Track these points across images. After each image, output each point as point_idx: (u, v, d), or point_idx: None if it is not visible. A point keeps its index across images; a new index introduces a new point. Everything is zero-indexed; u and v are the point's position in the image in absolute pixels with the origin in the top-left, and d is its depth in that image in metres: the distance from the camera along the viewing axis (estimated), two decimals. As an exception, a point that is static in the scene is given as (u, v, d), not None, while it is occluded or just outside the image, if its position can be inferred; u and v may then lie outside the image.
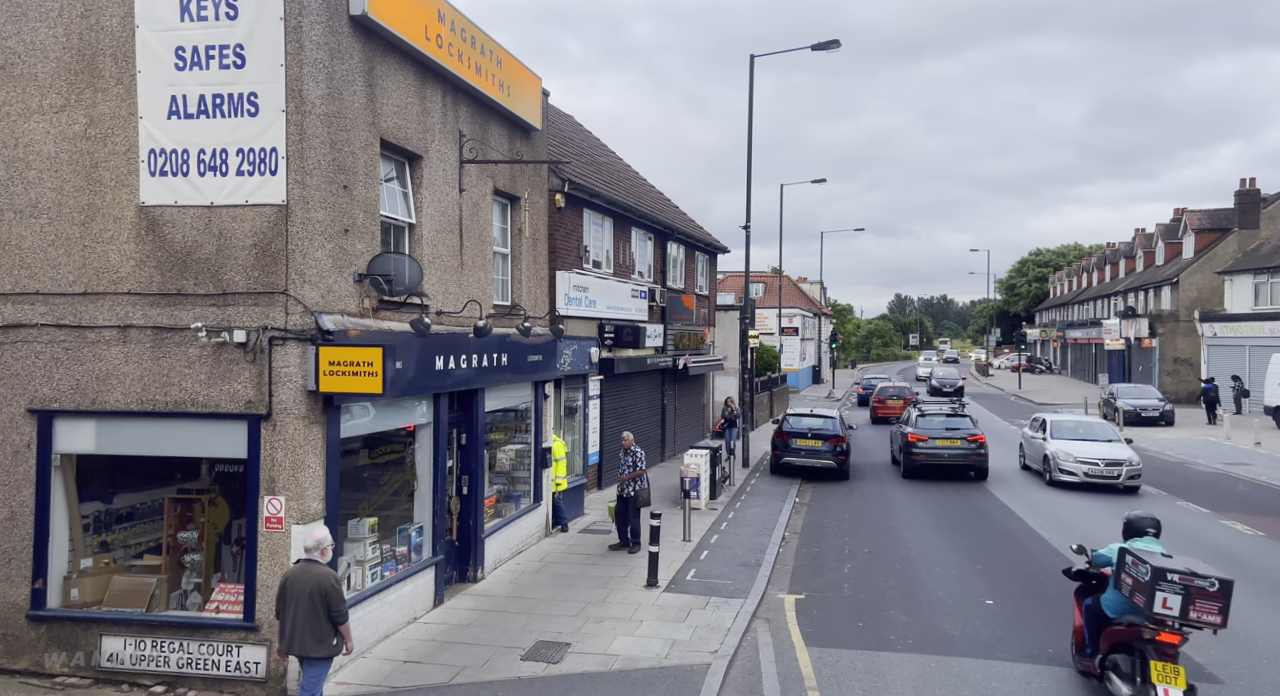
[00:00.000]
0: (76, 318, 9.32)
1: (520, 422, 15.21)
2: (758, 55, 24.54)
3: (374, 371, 8.84)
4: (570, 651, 10.20)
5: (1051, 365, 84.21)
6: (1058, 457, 21.96)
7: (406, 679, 9.36)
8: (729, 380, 31.55)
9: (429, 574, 11.52)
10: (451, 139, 12.02)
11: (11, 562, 9.45)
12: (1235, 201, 47.55)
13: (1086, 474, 21.34)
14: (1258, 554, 15.31)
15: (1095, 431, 23.17)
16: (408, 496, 11.61)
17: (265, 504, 8.95)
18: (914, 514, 18.79)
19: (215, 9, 8.93)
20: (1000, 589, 13.17)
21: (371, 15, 9.66)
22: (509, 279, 14.44)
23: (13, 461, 9.47)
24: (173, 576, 9.70)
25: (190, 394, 9.14)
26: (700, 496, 18.47)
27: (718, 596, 12.36)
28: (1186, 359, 47.60)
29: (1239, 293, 42.98)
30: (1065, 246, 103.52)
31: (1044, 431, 23.58)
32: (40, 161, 9.38)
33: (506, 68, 13.31)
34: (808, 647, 10.60)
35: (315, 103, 9.02)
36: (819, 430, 23.14)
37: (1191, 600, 7.76)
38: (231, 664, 9.01)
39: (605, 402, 19.76)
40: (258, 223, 8.96)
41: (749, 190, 25.14)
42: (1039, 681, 9.61)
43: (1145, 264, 58.94)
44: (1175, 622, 7.84)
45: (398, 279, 10.07)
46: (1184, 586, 7.78)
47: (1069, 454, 21.79)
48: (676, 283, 25.49)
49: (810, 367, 66.82)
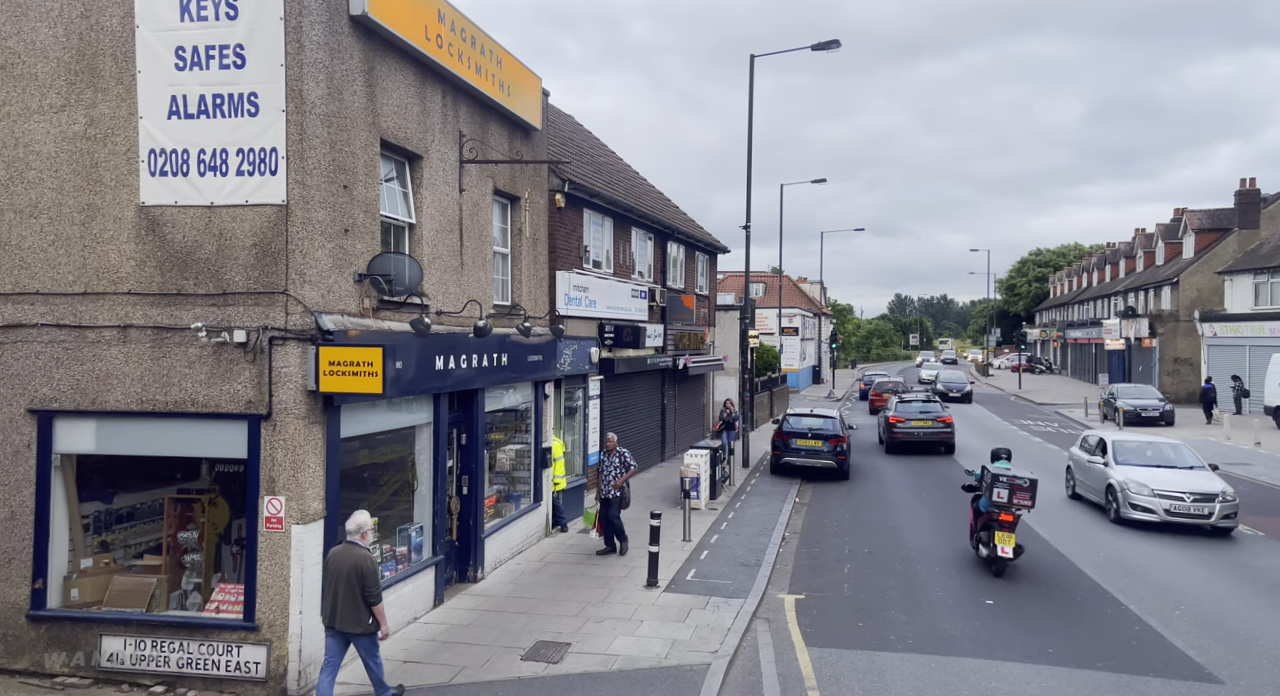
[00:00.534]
0: (76, 318, 9.33)
1: (520, 422, 15.21)
2: (758, 55, 24.55)
3: (374, 371, 8.84)
4: (570, 651, 10.20)
5: (1051, 365, 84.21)
6: (1127, 489, 17.35)
7: (406, 679, 9.35)
8: (729, 380, 31.54)
9: (429, 574, 11.52)
10: (451, 139, 12.01)
11: (11, 562, 9.45)
12: (1235, 201, 47.55)
13: (1169, 511, 16.68)
14: (1257, 554, 15.30)
15: (1169, 454, 18.62)
16: (408, 496, 11.61)
17: (265, 504, 8.95)
18: (916, 515, 18.78)
19: (215, 9, 8.93)
20: (1004, 589, 13.16)
21: (371, 15, 9.66)
22: (509, 279, 14.44)
23: (13, 461, 9.47)
24: (173, 576, 9.70)
25: (190, 394, 9.14)
26: (700, 496, 18.47)
27: (718, 596, 12.36)
28: (1186, 359, 47.60)
29: (1239, 293, 42.98)
30: (1065, 246, 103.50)
31: (1103, 454, 19.03)
32: (40, 161, 9.38)
33: (506, 68, 13.31)
34: (808, 647, 10.60)
35: (315, 103, 9.02)
36: (819, 430, 23.14)
37: (1014, 492, 13.27)
38: (231, 664, 9.00)
39: (605, 402, 19.75)
40: (258, 223, 8.96)
41: (749, 190, 25.14)
42: (1039, 681, 9.61)
43: (1145, 264, 58.95)
44: (1006, 507, 13.32)
45: (398, 279, 10.07)
46: (1009, 485, 13.33)
47: (1143, 484, 17.18)
48: (676, 282, 25.49)
49: (810, 367, 66.82)
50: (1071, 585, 13.34)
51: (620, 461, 14.81)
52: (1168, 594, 12.84)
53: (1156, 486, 16.97)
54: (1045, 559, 14.91)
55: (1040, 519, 17.62)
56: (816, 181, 44.68)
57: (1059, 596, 12.75)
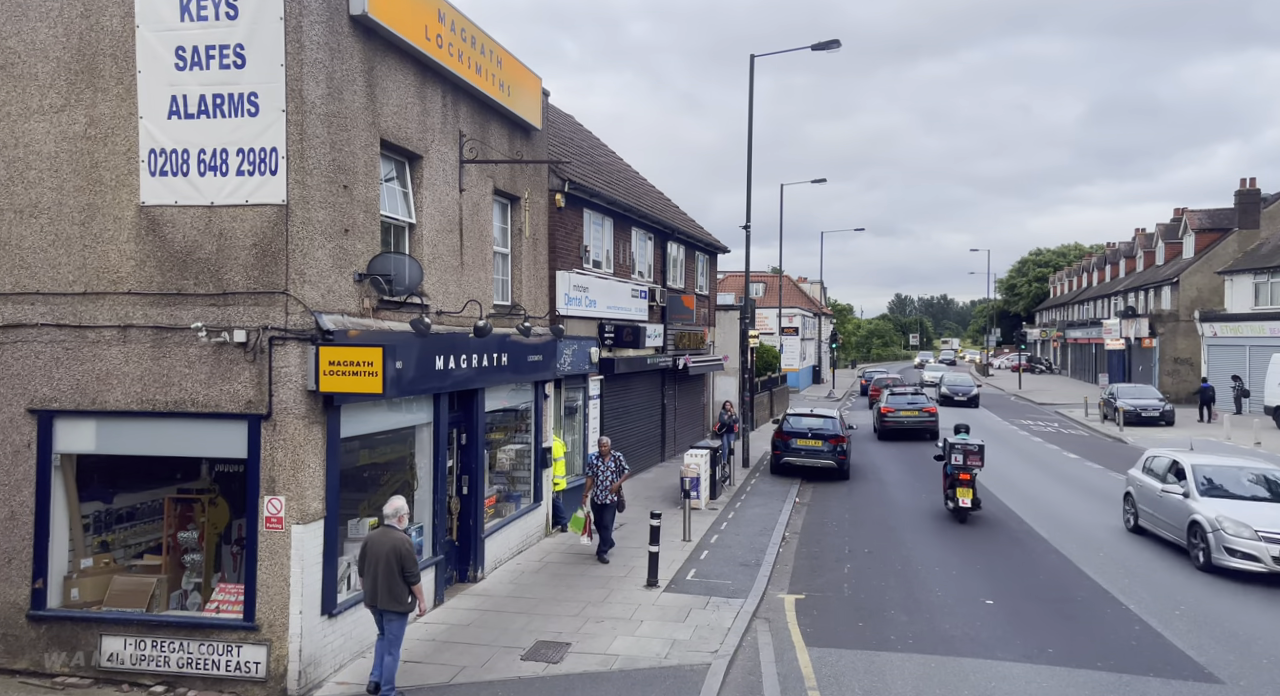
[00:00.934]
0: (76, 317, 9.32)
1: (520, 422, 15.21)
2: (758, 55, 24.56)
3: (374, 371, 8.84)
4: (570, 651, 10.20)
5: (1051, 365, 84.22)
6: (1222, 530, 13.81)
7: (406, 679, 9.35)
8: (729, 380, 31.55)
9: (429, 574, 11.52)
10: (452, 139, 12.02)
11: (11, 562, 9.45)
12: (1235, 201, 47.54)
13: None
14: (1258, 554, 15.23)
15: (1271, 481, 15.11)
16: (408, 496, 11.58)
17: (265, 504, 8.95)
18: (917, 515, 18.79)
19: (215, 9, 8.93)
20: (1005, 591, 13.17)
21: (371, 15, 9.66)
22: (509, 279, 14.44)
23: (13, 461, 9.47)
24: (173, 576, 9.71)
25: (190, 394, 9.14)
26: (700, 496, 18.47)
27: (718, 596, 12.36)
28: (1186, 359, 47.59)
29: (1239, 292, 42.98)
30: (1065, 246, 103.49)
31: (1180, 481, 15.48)
32: (40, 161, 9.38)
33: (506, 67, 13.31)
34: (808, 647, 10.60)
35: (315, 103, 9.02)
36: (819, 430, 23.14)
37: (967, 457, 17.40)
38: (231, 664, 9.01)
39: (605, 402, 19.75)
40: (258, 222, 8.96)
41: (749, 190, 25.15)
42: (1039, 681, 9.61)
43: (1145, 264, 58.94)
44: (963, 468, 17.41)
45: (398, 279, 10.07)
46: (963, 451, 17.46)
47: (1243, 524, 13.69)
48: (676, 282, 25.49)
49: (810, 367, 66.83)
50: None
51: (615, 465, 14.47)
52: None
53: (1263, 527, 13.54)
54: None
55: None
56: (816, 181, 44.67)
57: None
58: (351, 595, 9.87)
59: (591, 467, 14.58)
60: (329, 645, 9.42)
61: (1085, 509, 19.27)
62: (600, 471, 14.45)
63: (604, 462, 14.46)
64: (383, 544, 8.74)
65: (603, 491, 14.38)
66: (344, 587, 9.81)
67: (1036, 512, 18.79)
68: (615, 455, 14.58)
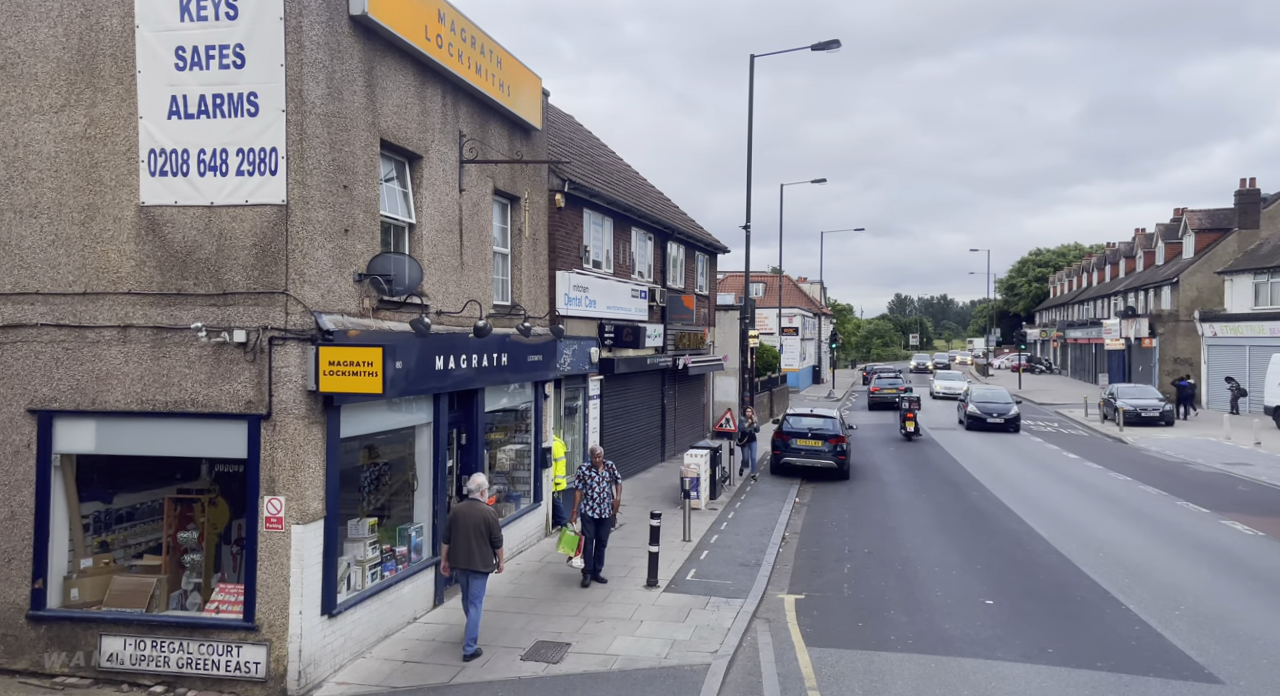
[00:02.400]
0: (76, 318, 9.32)
1: (520, 422, 15.21)
2: (758, 55, 24.57)
3: (374, 371, 8.83)
4: (570, 651, 10.20)
5: (1051, 365, 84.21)
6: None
7: (406, 679, 9.36)
8: (729, 380, 31.54)
9: (429, 574, 11.52)
10: (451, 139, 12.01)
11: (11, 562, 9.44)
12: (1235, 201, 47.53)
13: None
14: (1257, 554, 15.30)
15: None
16: (408, 496, 11.61)
17: (265, 504, 8.95)
18: (917, 515, 18.78)
19: (215, 9, 8.92)
20: (1005, 590, 13.16)
21: (371, 15, 9.65)
22: (509, 279, 14.44)
23: (13, 461, 9.47)
24: (173, 576, 9.70)
25: (190, 394, 9.14)
26: (700, 496, 18.47)
27: (718, 596, 12.36)
28: (1186, 359, 47.58)
29: (1239, 293, 42.97)
30: (1065, 246, 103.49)
31: None
32: (40, 161, 9.38)
33: (506, 68, 13.31)
34: (808, 647, 10.60)
35: (315, 103, 9.02)
36: (819, 430, 23.14)
37: (910, 404, 33.07)
38: (231, 664, 9.00)
39: (605, 402, 19.75)
40: (258, 223, 8.96)
41: (749, 190, 25.15)
42: (1039, 681, 9.61)
43: (1145, 264, 58.94)
44: (909, 409, 32.64)
45: (398, 279, 10.07)
46: (907, 399, 33.95)
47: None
48: (676, 282, 25.48)
49: (810, 367, 66.81)
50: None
51: (610, 476, 13.34)
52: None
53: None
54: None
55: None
56: (816, 181, 44.65)
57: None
58: (351, 595, 9.87)
59: (583, 479, 13.33)
60: (329, 645, 9.42)
61: (1085, 509, 19.27)
62: (594, 482, 13.24)
63: (597, 473, 13.26)
64: (471, 515, 10.04)
65: (598, 504, 13.19)
66: (344, 588, 9.81)
67: (1036, 512, 18.79)
68: (608, 464, 13.46)
